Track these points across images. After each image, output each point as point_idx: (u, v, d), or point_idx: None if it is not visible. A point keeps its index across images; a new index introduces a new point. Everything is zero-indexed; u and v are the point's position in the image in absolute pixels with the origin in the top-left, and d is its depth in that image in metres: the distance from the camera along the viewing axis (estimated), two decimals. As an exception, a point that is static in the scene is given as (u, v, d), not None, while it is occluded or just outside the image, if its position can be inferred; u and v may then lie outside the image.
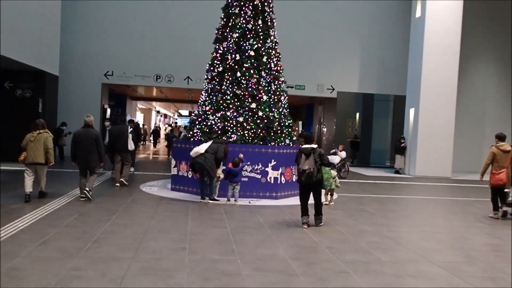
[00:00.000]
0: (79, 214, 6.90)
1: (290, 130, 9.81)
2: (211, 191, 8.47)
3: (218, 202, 8.42)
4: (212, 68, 9.92)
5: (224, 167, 8.76)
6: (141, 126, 26.05)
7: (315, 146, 6.65)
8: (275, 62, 10.00)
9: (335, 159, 13.55)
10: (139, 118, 32.94)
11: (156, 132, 28.94)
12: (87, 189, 7.95)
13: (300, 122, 26.16)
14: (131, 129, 10.61)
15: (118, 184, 10.03)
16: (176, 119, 52.37)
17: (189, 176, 9.41)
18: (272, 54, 9.93)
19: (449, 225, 7.54)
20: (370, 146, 20.03)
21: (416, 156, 16.16)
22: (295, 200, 9.01)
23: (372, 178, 14.92)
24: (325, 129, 21.89)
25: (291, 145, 9.63)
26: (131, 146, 10.30)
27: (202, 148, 8.27)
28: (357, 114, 20.09)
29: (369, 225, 7.13)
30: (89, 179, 8.06)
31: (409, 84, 17.32)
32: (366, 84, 19.28)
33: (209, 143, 8.39)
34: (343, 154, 14.15)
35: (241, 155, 8.54)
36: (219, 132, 9.15)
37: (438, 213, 8.92)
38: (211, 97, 9.72)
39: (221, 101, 9.49)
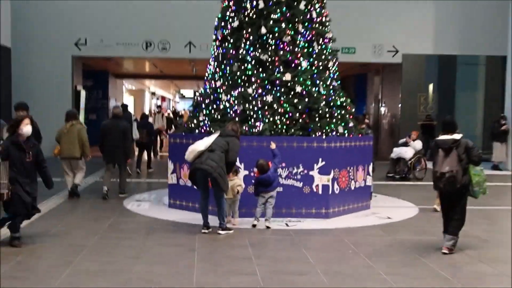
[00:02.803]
0: (27, 253, 6.28)
1: (344, 112, 9.29)
2: (221, 214, 7.57)
3: (231, 231, 7.54)
4: (223, 24, 9.55)
5: (246, 172, 8.18)
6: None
7: (458, 136, 6.53)
8: (318, 10, 9.45)
9: (407, 153, 13.43)
10: (128, 102, 32.53)
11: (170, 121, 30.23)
12: (123, 192, 10.12)
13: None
14: (135, 117, 13.72)
15: (139, 171, 13.68)
16: (178, 102, 52.07)
17: (195, 187, 8.56)
18: (313, -2, 9.49)
19: None
20: (452, 131, 19.18)
21: (525, 144, 15.56)
22: (356, 220, 8.57)
23: (461, 178, 13.89)
24: (384, 109, 21.36)
25: (347, 135, 9.05)
26: (135, 134, 12.97)
27: (200, 144, 7.40)
28: (431, 86, 19.60)
29: (486, 262, 6.34)
30: (121, 179, 10.12)
31: (512, 39, 16.66)
32: (444, 42, 18.57)
33: (213, 136, 7.54)
34: (418, 145, 13.61)
35: (273, 144, 7.92)
36: (237, 119, 8.60)
37: None
38: (223, 67, 9.39)
39: (238, 73, 9.09)
